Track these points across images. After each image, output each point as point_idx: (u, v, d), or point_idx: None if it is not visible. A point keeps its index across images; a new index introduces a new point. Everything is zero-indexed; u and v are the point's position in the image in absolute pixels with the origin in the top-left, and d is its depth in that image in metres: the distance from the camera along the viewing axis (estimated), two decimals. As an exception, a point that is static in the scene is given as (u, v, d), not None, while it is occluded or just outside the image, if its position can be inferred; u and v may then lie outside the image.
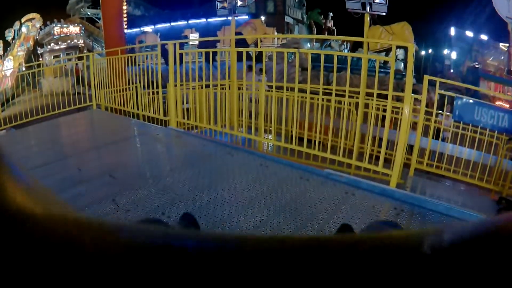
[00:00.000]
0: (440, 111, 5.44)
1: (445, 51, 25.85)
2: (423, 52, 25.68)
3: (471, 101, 4.75)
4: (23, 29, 27.13)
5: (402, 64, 17.76)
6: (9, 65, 24.50)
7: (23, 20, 27.51)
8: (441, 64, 25.44)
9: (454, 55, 24.24)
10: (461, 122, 5.14)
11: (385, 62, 13.05)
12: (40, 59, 23.92)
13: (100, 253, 0.20)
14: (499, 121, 4.43)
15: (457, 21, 24.39)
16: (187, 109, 4.83)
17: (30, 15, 27.49)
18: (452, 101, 4.83)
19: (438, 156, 5.06)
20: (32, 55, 25.39)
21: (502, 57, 21.41)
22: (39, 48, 25.90)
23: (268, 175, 2.96)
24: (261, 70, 5.23)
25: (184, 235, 0.23)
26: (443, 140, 5.54)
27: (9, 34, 27.30)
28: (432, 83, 4.70)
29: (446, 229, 0.22)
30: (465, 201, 4.24)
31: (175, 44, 4.70)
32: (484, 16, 20.37)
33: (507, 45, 20.41)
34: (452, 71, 23.20)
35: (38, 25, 27.34)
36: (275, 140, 4.47)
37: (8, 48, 26.67)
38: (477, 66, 21.59)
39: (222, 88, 5.11)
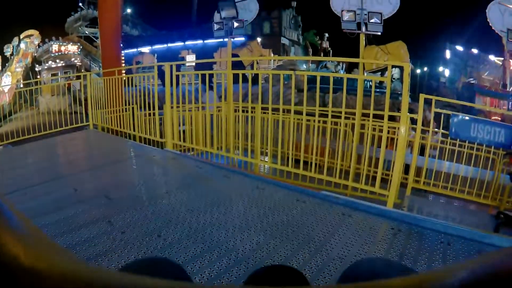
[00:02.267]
0: (432, 129, 5.43)
1: (440, 68, 26.15)
2: (418, 70, 25.94)
3: (467, 118, 4.76)
4: (22, 45, 27.36)
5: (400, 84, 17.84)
6: (7, 81, 24.58)
7: (21, 36, 27.76)
8: (436, 81, 25.69)
9: (449, 72, 24.51)
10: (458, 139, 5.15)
11: (381, 82, 13.12)
12: (38, 76, 23.99)
13: None
14: (496, 137, 4.42)
15: (451, 38, 24.76)
16: (184, 131, 4.83)
17: (29, 32, 27.75)
18: (447, 118, 4.84)
19: (434, 174, 5.05)
20: (30, 72, 25.51)
21: (495, 72, 21.64)
22: (37, 66, 25.99)
23: (265, 198, 2.96)
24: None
25: None
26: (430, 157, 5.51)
27: (7, 50, 27.53)
28: (427, 101, 4.72)
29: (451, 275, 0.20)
30: (463, 218, 4.23)
31: (171, 66, 4.73)
32: (478, 31, 20.64)
33: (502, 59, 20.62)
34: (447, 88, 23.40)
35: (36, 42, 27.56)
36: (271, 162, 4.46)
37: (7, 64, 26.84)
38: (472, 82, 21.77)
39: (219, 110, 5.12)
